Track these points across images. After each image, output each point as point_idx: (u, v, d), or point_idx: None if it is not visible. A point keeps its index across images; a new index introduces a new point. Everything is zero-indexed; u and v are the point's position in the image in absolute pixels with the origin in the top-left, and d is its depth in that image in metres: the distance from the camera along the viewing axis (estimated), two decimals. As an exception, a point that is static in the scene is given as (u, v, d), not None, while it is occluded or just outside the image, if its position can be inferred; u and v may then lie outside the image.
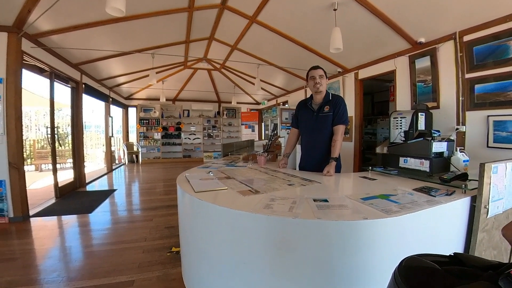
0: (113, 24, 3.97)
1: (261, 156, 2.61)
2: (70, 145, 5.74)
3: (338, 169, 2.15)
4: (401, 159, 1.88)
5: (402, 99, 4.04)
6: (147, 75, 6.76)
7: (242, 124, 8.65)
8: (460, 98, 3.26)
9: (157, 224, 3.19)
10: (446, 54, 3.40)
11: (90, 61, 5.25)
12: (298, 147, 2.48)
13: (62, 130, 8.11)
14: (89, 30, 3.98)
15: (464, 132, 3.23)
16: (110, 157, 7.34)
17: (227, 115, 9.75)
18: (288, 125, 5.78)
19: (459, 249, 1.34)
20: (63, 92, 5.37)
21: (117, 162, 8.96)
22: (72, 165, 5.48)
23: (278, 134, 4.11)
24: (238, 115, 9.73)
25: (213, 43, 5.64)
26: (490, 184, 1.32)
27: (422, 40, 3.61)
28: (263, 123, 9.33)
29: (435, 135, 1.73)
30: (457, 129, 3.26)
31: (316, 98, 2.23)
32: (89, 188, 5.40)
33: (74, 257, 2.36)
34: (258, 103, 9.87)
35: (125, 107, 8.83)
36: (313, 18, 3.77)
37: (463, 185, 1.41)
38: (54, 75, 4.40)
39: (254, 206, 1.17)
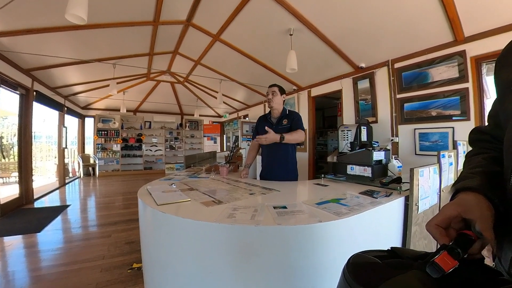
0: (72, 31, 3.66)
1: (223, 167, 2.54)
2: (16, 157, 4.99)
3: (295, 177, 2.26)
4: (348, 167, 2.02)
5: (348, 114, 4.39)
6: (107, 85, 6.30)
7: (204, 136, 8.49)
8: (393, 114, 3.66)
9: (116, 240, 2.91)
10: (382, 78, 3.82)
11: (44, 67, 4.74)
12: (258, 158, 2.52)
13: (7, 141, 7.04)
14: (44, 35, 3.63)
15: (397, 142, 3.62)
16: (63, 170, 6.56)
17: (189, 127, 9.49)
18: (249, 137, 5.85)
19: (398, 241, 1.47)
20: (9, 99, 4.70)
21: (71, 175, 8.05)
22: (17, 179, 4.75)
23: (239, 146, 4.12)
24: (200, 127, 9.52)
25: (177, 57, 5.52)
26: (418, 185, 1.49)
27: (363, 65, 4.01)
28: (224, 135, 9.29)
29: (375, 145, 1.90)
30: (392, 140, 3.63)
31: (273, 112, 2.33)
32: (37, 204, 4.73)
33: (18, 283, 2.00)
34: (220, 116, 9.82)
35: (82, 117, 8.03)
36: (272, 40, 3.95)
37: (398, 187, 1.57)
38: (0, 80, 3.85)
39: (217, 216, 1.15)
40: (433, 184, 1.70)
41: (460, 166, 2.30)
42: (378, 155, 1.89)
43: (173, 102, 8.43)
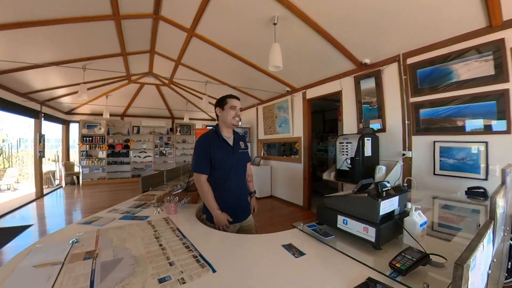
0: (31, 28, 3.11)
1: (170, 203, 1.80)
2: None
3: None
4: (339, 218, 1.27)
5: (349, 121, 3.61)
6: (92, 88, 5.72)
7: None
8: (406, 122, 2.88)
9: None
10: (391, 76, 3.04)
11: (5, 71, 4.14)
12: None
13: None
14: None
15: (411, 158, 2.83)
16: (40, 180, 6.00)
17: (181, 131, 8.76)
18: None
19: None
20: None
21: (57, 182, 7.53)
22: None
23: None
24: (193, 132, 8.83)
25: (156, 57, 4.86)
26: (468, 286, 0.74)
27: (367, 61, 3.24)
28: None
29: (386, 188, 1.16)
30: (403, 154, 2.85)
31: (227, 131, 1.71)
32: (3, 222, 4.16)
33: None
34: (213, 119, 9.11)
35: (66, 123, 7.45)
36: (254, 33, 3.22)
37: (425, 286, 0.82)
38: None
39: None
40: (485, 263, 0.94)
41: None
42: (388, 205, 1.14)
43: (162, 105, 7.75)
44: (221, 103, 1.68)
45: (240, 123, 1.81)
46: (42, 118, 6.03)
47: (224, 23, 3.20)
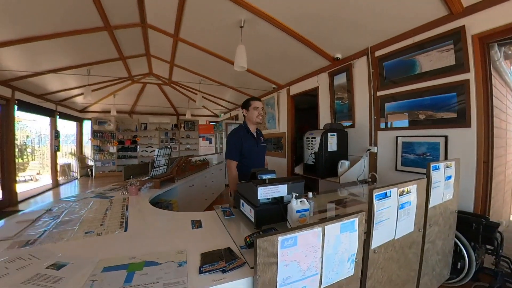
0: (41, 42, 3.51)
1: (132, 186, 2.19)
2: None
3: None
4: (241, 202, 1.38)
5: (324, 117, 3.62)
6: (99, 89, 6.18)
7: (199, 137, 7.98)
8: (373, 117, 2.85)
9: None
10: (361, 71, 3.02)
11: (22, 77, 4.61)
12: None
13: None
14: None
15: (376, 153, 2.80)
16: (55, 172, 6.61)
17: (185, 127, 9.15)
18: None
19: None
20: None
21: (75, 175, 8.18)
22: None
23: (184, 159, 3.63)
24: (196, 128, 9.12)
25: (153, 60, 5.13)
26: (277, 263, 0.81)
27: (339, 55, 3.22)
28: (218, 135, 8.83)
29: (267, 176, 1.24)
30: (368, 149, 2.83)
31: (252, 127, 2.06)
32: (27, 205, 4.78)
33: None
34: (215, 116, 9.34)
35: (79, 120, 8.11)
36: (230, 36, 3.22)
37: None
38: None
39: None
40: (333, 251, 0.96)
41: (435, 205, 1.50)
42: (270, 191, 1.22)
43: (166, 103, 8.13)
44: (246, 105, 2.01)
45: (262, 120, 2.23)
46: (57, 117, 6.61)
47: (201, 29, 3.32)
